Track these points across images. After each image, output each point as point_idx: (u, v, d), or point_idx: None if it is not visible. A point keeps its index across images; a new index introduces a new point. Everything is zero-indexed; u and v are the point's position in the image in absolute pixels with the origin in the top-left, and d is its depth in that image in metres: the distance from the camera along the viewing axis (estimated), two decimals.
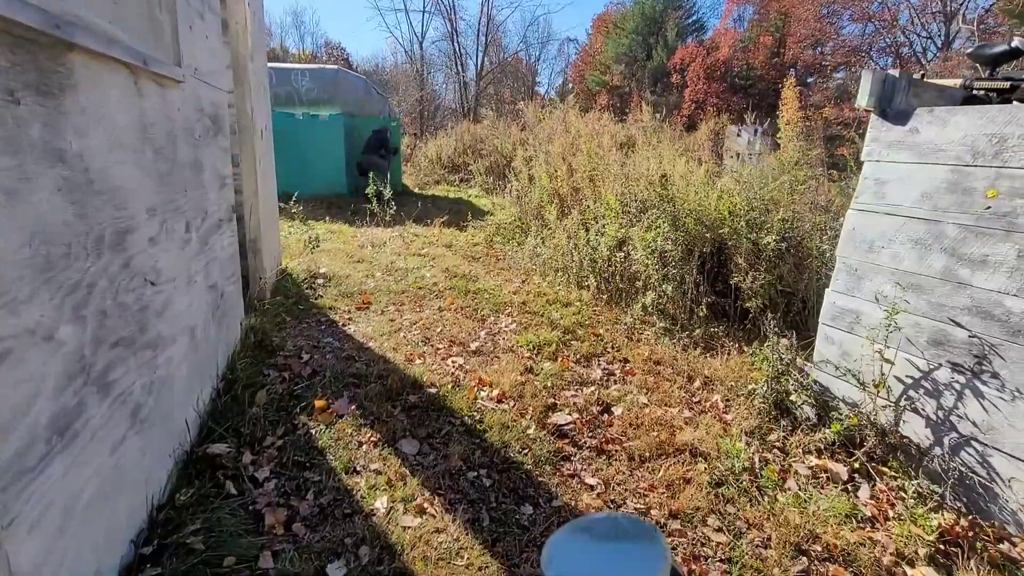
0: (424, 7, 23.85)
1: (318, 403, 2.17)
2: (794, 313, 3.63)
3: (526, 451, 2.05)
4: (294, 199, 6.63)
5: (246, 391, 2.13)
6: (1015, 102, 2.30)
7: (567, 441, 2.17)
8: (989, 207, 1.84)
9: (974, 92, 2.37)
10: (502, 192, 8.81)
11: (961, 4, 20.95)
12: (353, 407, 2.21)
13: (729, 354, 3.13)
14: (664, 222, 3.49)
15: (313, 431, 2.02)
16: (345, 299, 3.75)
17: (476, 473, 1.89)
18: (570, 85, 33.46)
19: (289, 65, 9.88)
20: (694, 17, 27.31)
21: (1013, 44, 2.22)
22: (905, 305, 2.05)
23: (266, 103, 3.51)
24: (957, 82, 2.43)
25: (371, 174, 8.48)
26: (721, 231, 3.48)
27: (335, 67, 9.87)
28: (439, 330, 3.28)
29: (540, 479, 1.90)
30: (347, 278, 4.22)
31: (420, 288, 4.13)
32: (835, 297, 2.36)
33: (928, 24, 22.00)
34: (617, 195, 4.38)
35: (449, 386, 2.54)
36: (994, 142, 1.82)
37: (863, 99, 2.18)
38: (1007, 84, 2.27)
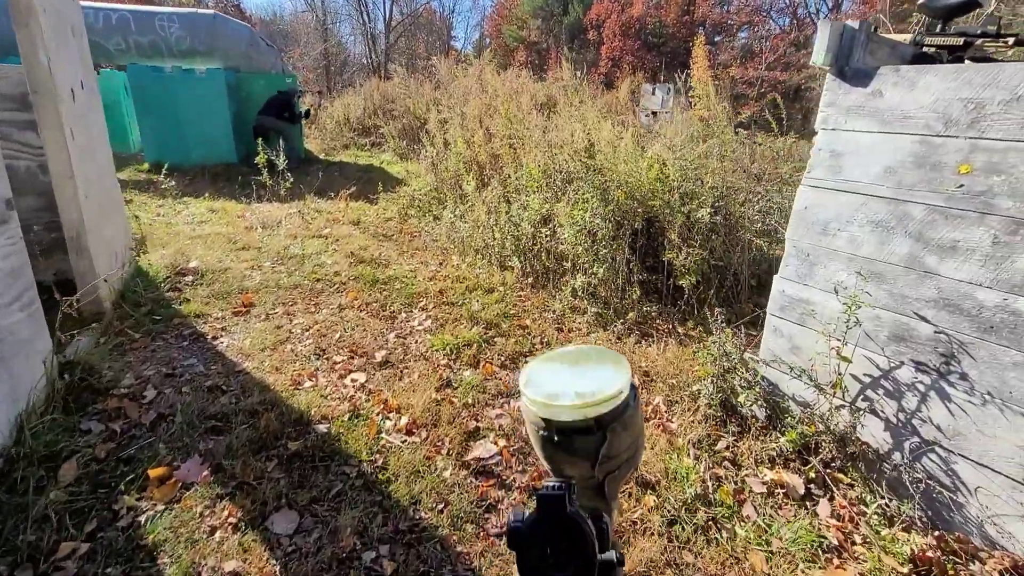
0: None
1: (154, 472, 1.60)
2: (727, 288, 3.44)
3: (442, 507, 1.64)
4: (165, 171, 5.61)
5: (39, 469, 1.52)
6: (967, 60, 2.09)
7: (492, 482, 1.78)
8: (962, 185, 1.59)
9: (924, 49, 2.13)
10: (416, 157, 8.08)
11: None
12: (207, 471, 1.66)
13: (666, 342, 2.87)
14: (592, 197, 3.11)
15: (143, 517, 1.47)
16: (220, 301, 3.07)
17: (375, 553, 1.44)
18: (487, 40, 32.05)
19: (151, 8, 8.29)
20: None
21: None
22: (865, 297, 1.81)
23: (78, 51, 2.64)
24: (907, 37, 2.18)
25: (262, 139, 7.47)
26: (653, 204, 3.16)
27: (211, 12, 8.43)
28: (337, 336, 2.74)
29: (459, 548, 1.49)
30: (225, 272, 3.50)
31: (318, 280, 3.51)
32: (784, 285, 2.11)
33: None
34: (540, 164, 3.94)
35: (346, 417, 2.05)
36: (970, 108, 1.56)
37: (819, 55, 1.86)
38: (961, 40, 2.04)
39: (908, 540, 1.58)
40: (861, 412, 1.87)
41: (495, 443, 1.96)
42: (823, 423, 1.92)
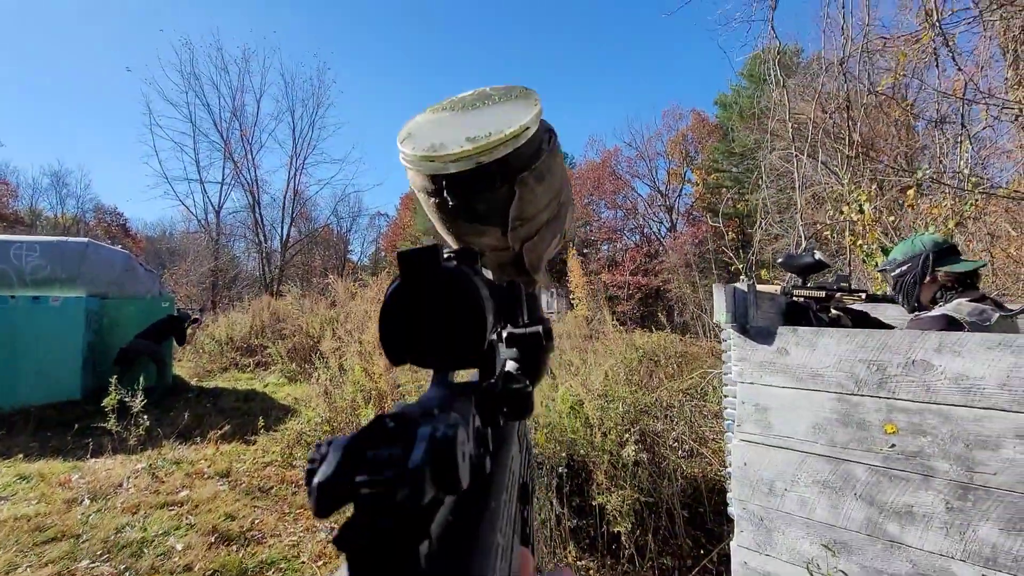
0: (223, 179, 22.70)
1: None
2: (663, 529, 3.14)
3: None
4: None
5: None
6: (833, 310, 2.36)
7: None
8: (893, 445, 1.57)
9: (794, 298, 2.40)
10: (308, 380, 7.49)
11: (675, 201, 28.37)
12: None
13: None
14: None
15: None
16: None
17: None
18: (383, 253, 34.43)
19: (8, 238, 7.69)
20: None
21: (816, 257, 2.32)
22: (839, 574, 1.61)
23: None
24: (777, 288, 2.47)
25: (130, 366, 6.61)
26: (575, 446, 2.96)
27: (83, 240, 8.00)
28: None
29: None
30: None
31: None
32: (744, 555, 1.86)
33: (658, 213, 28.95)
34: None
35: None
36: (874, 370, 1.63)
37: (720, 315, 1.96)
38: (823, 293, 2.33)
39: None
40: None
41: None
42: None
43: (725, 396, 2.00)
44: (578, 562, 2.82)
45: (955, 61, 4.36)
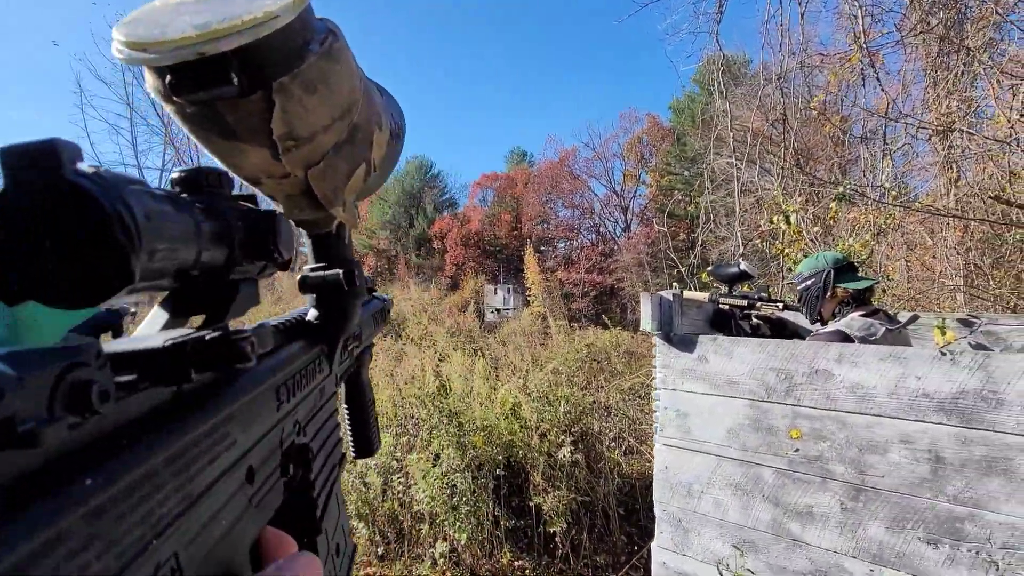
0: (163, 165, 21.34)
1: None
2: (599, 527, 3.22)
3: None
4: None
5: None
6: (754, 318, 2.47)
7: None
8: (797, 449, 1.67)
9: (720, 305, 2.50)
10: None
11: (630, 201, 29.01)
12: None
13: None
14: (448, 445, 2.83)
15: None
16: None
17: None
18: None
19: None
20: (447, 195, 31.52)
21: (741, 267, 2.43)
22: (746, 573, 1.69)
23: None
24: (705, 296, 2.56)
25: None
26: (512, 448, 2.98)
27: None
28: None
29: None
30: None
31: None
32: (664, 556, 1.93)
33: (613, 212, 29.49)
34: (389, 399, 3.63)
35: None
36: (782, 378, 1.71)
37: (646, 323, 2.01)
38: (745, 302, 2.44)
39: None
40: None
41: None
42: None
43: (655, 400, 2.06)
44: (514, 562, 2.85)
45: (879, 82, 4.65)
